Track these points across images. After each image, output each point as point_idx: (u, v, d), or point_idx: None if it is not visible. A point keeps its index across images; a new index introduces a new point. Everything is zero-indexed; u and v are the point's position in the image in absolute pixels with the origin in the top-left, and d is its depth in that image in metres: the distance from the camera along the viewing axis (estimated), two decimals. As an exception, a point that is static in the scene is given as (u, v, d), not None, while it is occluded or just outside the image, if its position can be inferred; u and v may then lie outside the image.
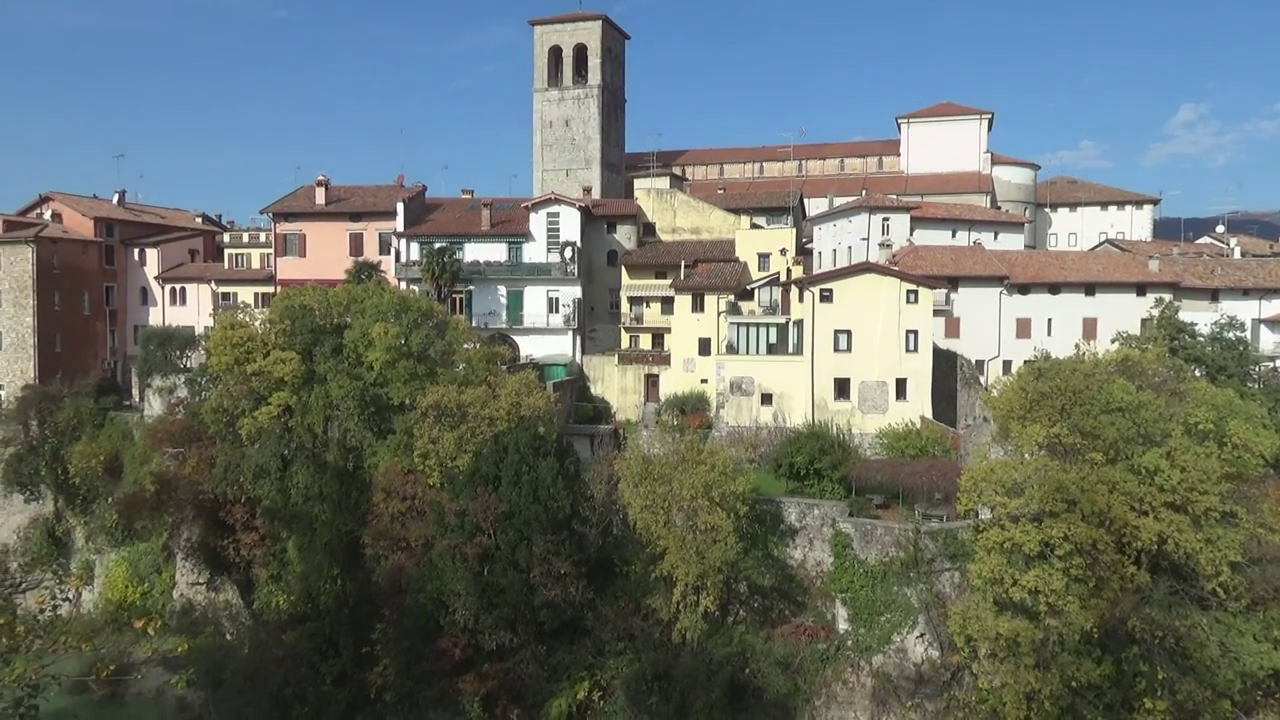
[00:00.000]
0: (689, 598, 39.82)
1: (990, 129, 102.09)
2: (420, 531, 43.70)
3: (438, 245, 68.57)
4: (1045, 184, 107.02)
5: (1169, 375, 42.36)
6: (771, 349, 58.12)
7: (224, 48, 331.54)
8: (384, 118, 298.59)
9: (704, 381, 60.02)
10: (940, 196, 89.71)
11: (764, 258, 65.96)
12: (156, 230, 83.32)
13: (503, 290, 69.14)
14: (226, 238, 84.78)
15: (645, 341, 67.11)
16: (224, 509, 49.98)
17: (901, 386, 53.10)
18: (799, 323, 56.04)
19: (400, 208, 71.30)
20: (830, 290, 54.02)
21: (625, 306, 68.50)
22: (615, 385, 65.43)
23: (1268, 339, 65.18)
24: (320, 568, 46.59)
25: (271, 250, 76.41)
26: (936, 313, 57.37)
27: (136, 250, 79.54)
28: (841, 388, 53.69)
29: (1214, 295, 66.05)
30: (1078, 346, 55.79)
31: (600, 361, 66.52)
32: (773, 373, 55.37)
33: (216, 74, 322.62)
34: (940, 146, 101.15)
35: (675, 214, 74.39)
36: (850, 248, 70.44)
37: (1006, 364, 62.90)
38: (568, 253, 67.88)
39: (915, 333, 53.20)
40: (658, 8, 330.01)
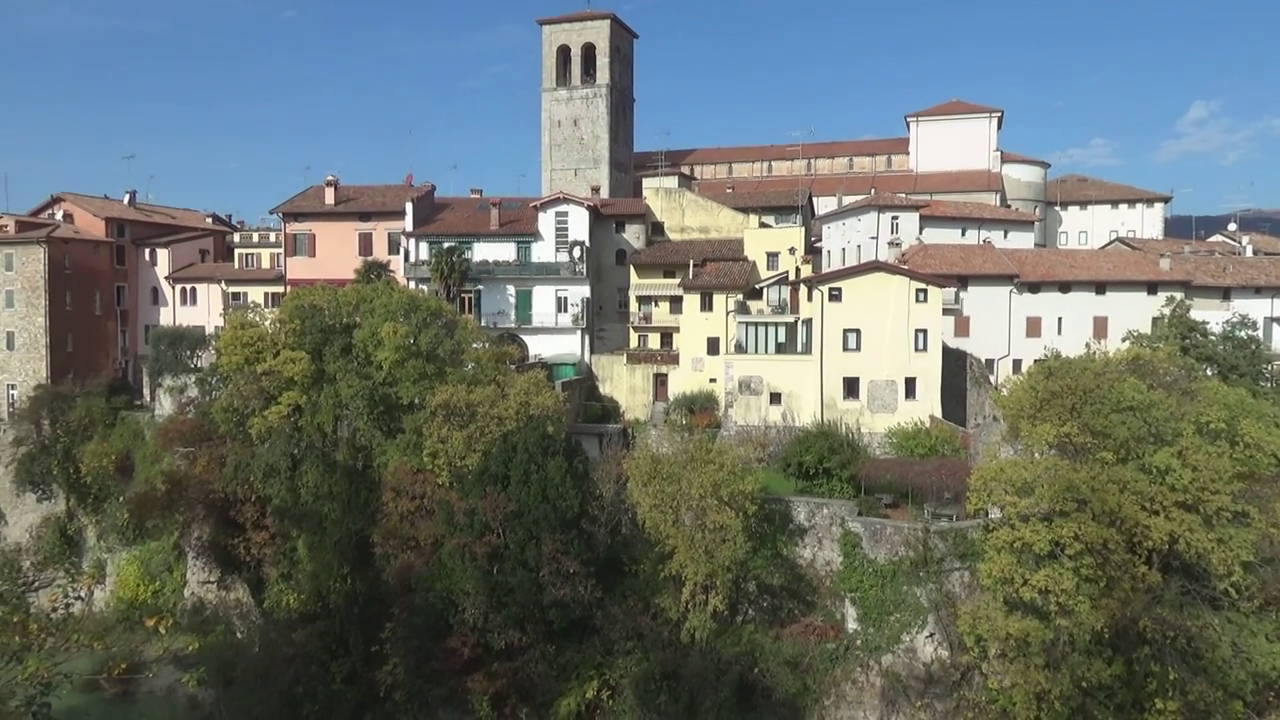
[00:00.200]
0: (698, 597, 39.80)
1: (1000, 127, 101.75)
2: (429, 530, 43.80)
3: (447, 245, 68.72)
4: (1055, 182, 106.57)
5: (1180, 374, 42.16)
6: (780, 348, 58.05)
7: (233, 48, 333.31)
8: (393, 117, 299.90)
9: (712, 381, 59.98)
10: (949, 195, 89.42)
11: (773, 257, 65.87)
12: (167, 230, 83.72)
13: (511, 290, 69.23)
14: (236, 238, 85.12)
15: (654, 341, 67.09)
16: (234, 508, 50.19)
17: (911, 386, 52.98)
18: (808, 322, 55.95)
19: (409, 207, 71.45)
20: (839, 289, 53.92)
21: (634, 306, 68.48)
22: (624, 384, 65.44)
23: (1280, 337, 64.84)
24: (330, 567, 46.76)
25: (281, 250, 76.69)
26: (946, 311, 57.24)
27: (147, 250, 79.93)
28: (850, 387, 53.60)
29: (1226, 294, 65.69)
30: (1088, 345, 55.60)
31: (609, 361, 66.54)
32: (781, 372, 55.30)
33: (225, 74, 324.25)
34: (949, 145, 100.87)
35: (684, 213, 74.37)
36: (859, 246, 70.31)
37: (1016, 363, 62.70)
38: (576, 252, 67.93)
39: (924, 332, 53.08)
40: (665, 6, 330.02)
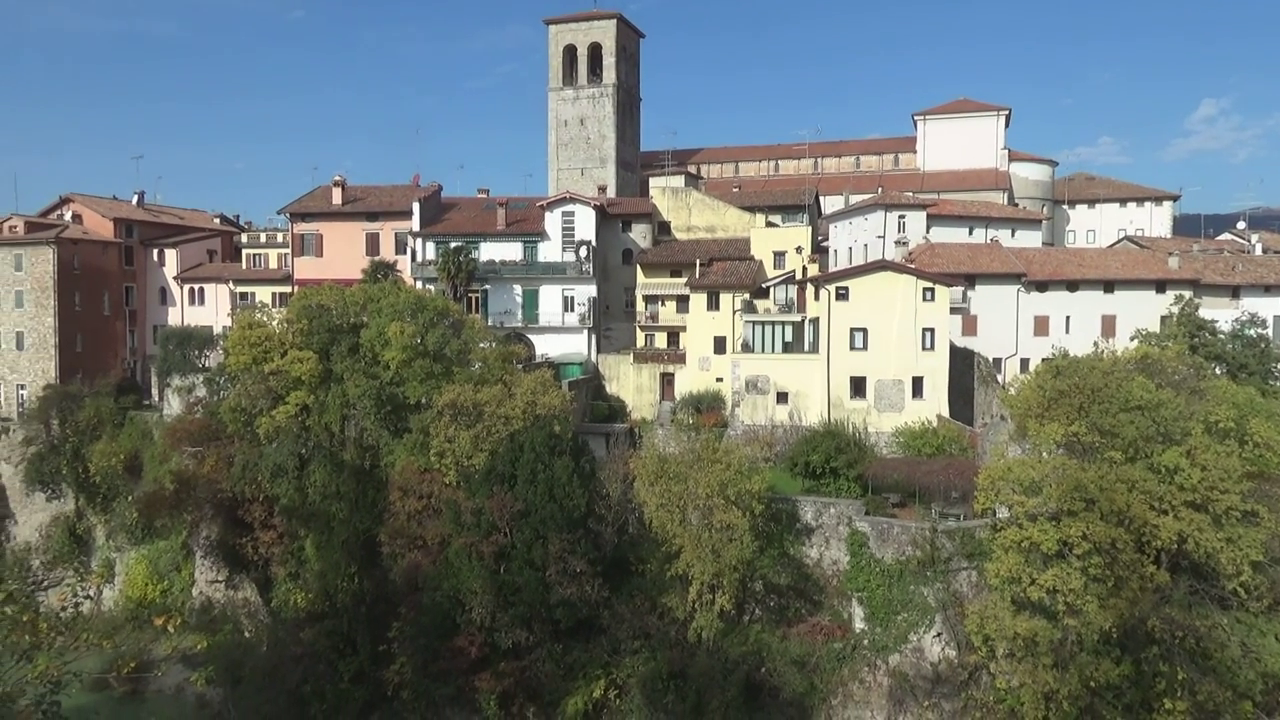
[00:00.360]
0: (705, 596, 39.79)
1: (1007, 125, 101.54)
2: (437, 530, 43.88)
3: (453, 245, 68.79)
4: (1063, 180, 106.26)
5: (1189, 373, 42.00)
6: (787, 347, 57.98)
7: (240, 49, 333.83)
8: (399, 117, 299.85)
9: (719, 380, 59.95)
10: (957, 194, 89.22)
11: (779, 256, 65.80)
12: (175, 231, 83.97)
13: (518, 289, 69.27)
14: (244, 238, 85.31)
15: (660, 340, 67.09)
16: (242, 507, 50.33)
17: (918, 385, 52.89)
18: (815, 321, 55.88)
19: (416, 207, 71.54)
20: (846, 288, 53.84)
21: (640, 305, 68.48)
22: (630, 384, 65.45)
23: (1289, 336, 64.44)
24: (338, 566, 46.87)
25: (289, 250, 76.84)
26: (953, 310, 57.10)
27: (155, 251, 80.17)
28: (857, 386, 53.52)
29: (1235, 292, 65.38)
30: (1096, 344, 55.29)
31: (615, 360, 66.55)
32: (788, 371, 55.24)
33: (233, 75, 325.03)
34: (957, 143, 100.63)
35: (690, 212, 74.34)
36: (866, 245, 70.18)
37: (1024, 362, 62.52)
38: (583, 252, 67.94)
39: (932, 331, 52.96)
40: (671, 5, 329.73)
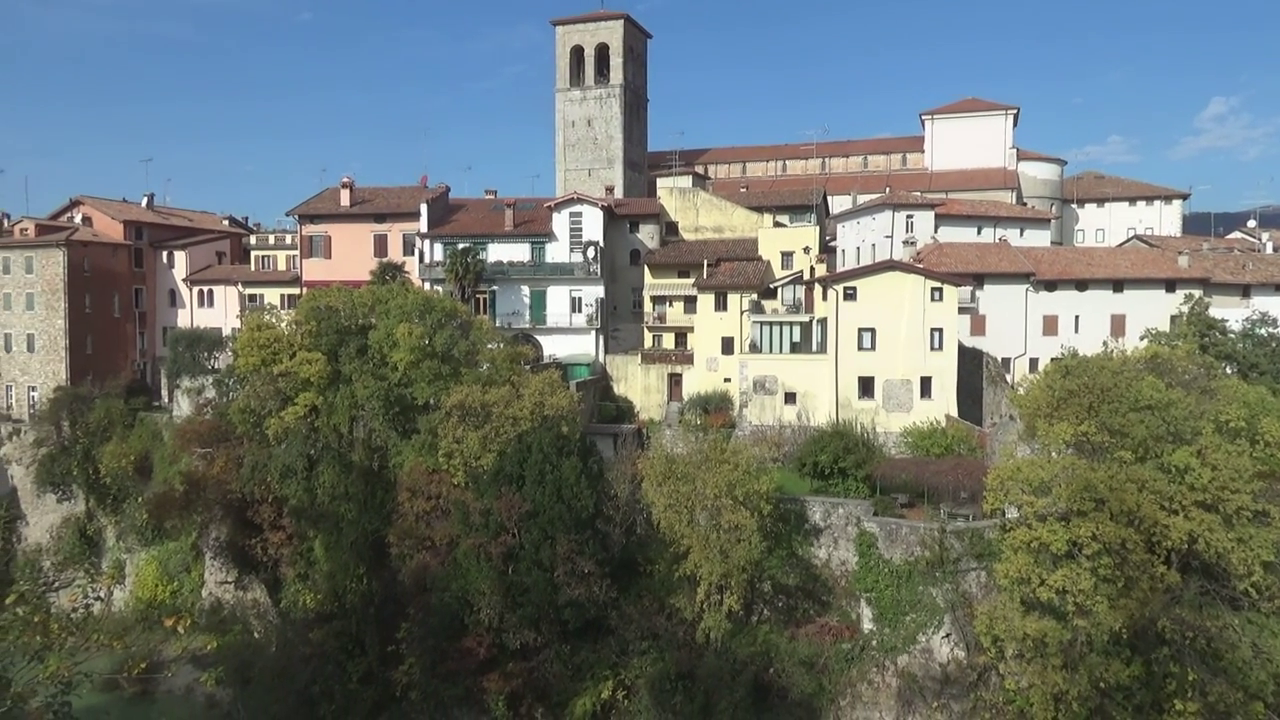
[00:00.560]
0: (713, 597, 39.77)
1: (1016, 124, 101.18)
2: (445, 531, 43.95)
3: (461, 246, 68.88)
4: (1072, 179, 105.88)
5: (1199, 372, 41.82)
6: (795, 348, 57.93)
7: (250, 52, 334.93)
8: (408, 118, 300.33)
9: (727, 380, 59.92)
10: (965, 193, 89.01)
11: (787, 256, 65.74)
12: (184, 233, 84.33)
13: (526, 290, 69.35)
14: (253, 240, 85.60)
15: (668, 341, 67.07)
16: (252, 508, 50.48)
17: (926, 385, 52.78)
18: (822, 321, 55.82)
19: (424, 209, 71.68)
20: (854, 288, 53.75)
21: (648, 306, 68.46)
22: (638, 384, 65.46)
23: (1301, 335, 64.07)
24: (346, 567, 46.97)
25: (297, 252, 77.09)
26: (962, 310, 56.97)
27: (165, 253, 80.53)
28: (865, 386, 53.43)
29: (1245, 291, 65.08)
30: (1106, 344, 55.19)
31: (623, 361, 66.57)
32: (796, 371, 55.18)
33: (242, 77, 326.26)
34: (965, 143, 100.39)
35: (698, 213, 74.31)
36: (874, 245, 70.07)
37: (1033, 361, 62.35)
38: (590, 252, 67.97)
39: (940, 330, 52.85)
40: (678, 5, 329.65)
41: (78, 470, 65.45)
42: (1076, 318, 63.80)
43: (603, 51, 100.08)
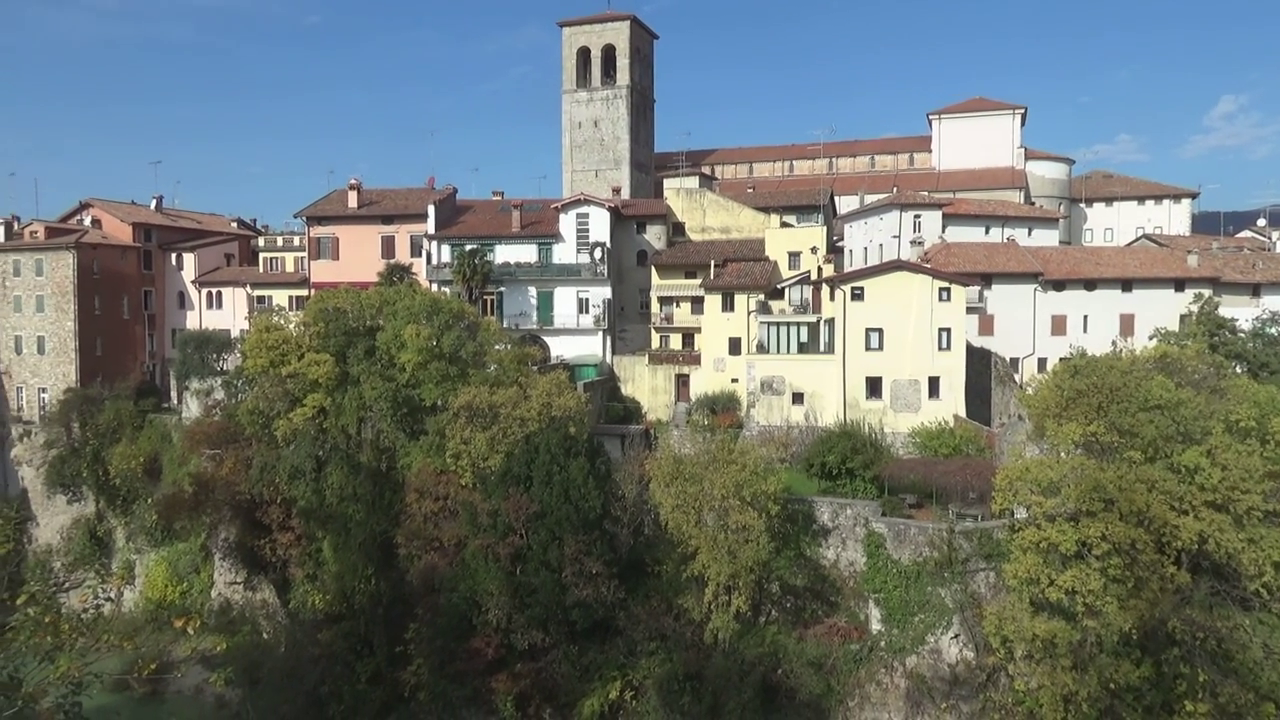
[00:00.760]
0: (721, 598, 39.74)
1: (1023, 123, 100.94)
2: (453, 531, 44.03)
3: (469, 247, 69.00)
4: (1080, 179, 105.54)
5: (1209, 372, 41.66)
6: (802, 348, 57.82)
7: (258, 54, 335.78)
8: (414, 119, 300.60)
9: (734, 381, 59.88)
10: (973, 193, 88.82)
11: (794, 256, 65.67)
12: (193, 235, 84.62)
13: (533, 291, 69.43)
14: (261, 241, 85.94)
15: (675, 341, 67.07)
16: (260, 509, 50.65)
17: (934, 385, 52.65)
18: (830, 321, 55.73)
19: (431, 210, 71.81)
20: (861, 288, 53.66)
21: (655, 306, 68.47)
22: (646, 385, 65.47)
23: (1311, 334, 63.76)
24: (355, 567, 47.08)
25: (305, 254, 77.31)
26: (970, 310, 56.83)
27: (174, 255, 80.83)
28: (873, 386, 53.33)
29: (1255, 290, 64.79)
30: (1115, 343, 55.03)
31: (630, 361, 66.59)
32: (804, 372, 55.11)
33: (250, 80, 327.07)
34: (972, 142, 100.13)
35: (705, 213, 74.28)
36: (881, 245, 69.95)
37: (1042, 361, 62.15)
38: (597, 253, 68.01)
39: (948, 330, 52.72)
40: (684, 5, 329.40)
41: (88, 471, 65.80)
42: (1085, 317, 63.59)
43: (609, 52, 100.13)
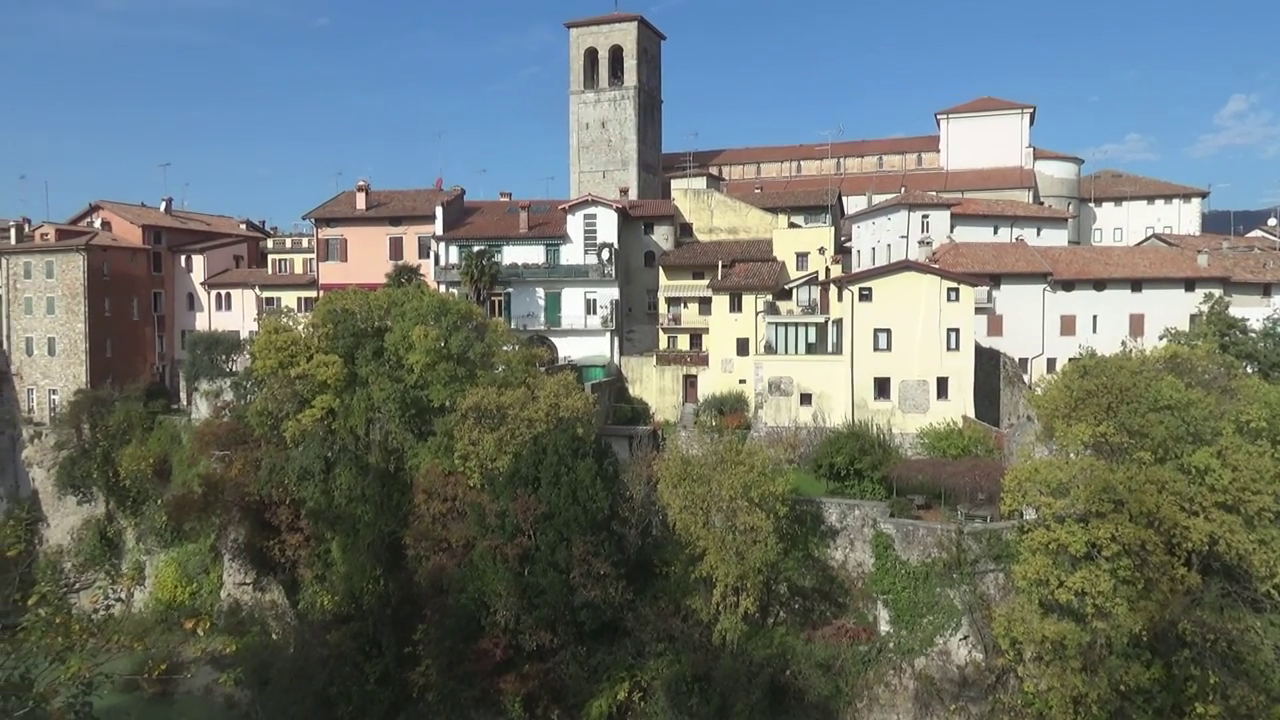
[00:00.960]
0: (729, 599, 39.73)
1: (1032, 123, 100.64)
2: (461, 532, 44.08)
3: (476, 248, 69.07)
4: (1089, 178, 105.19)
5: (1219, 372, 41.48)
6: (810, 349, 57.77)
7: (267, 57, 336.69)
8: (421, 121, 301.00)
9: (742, 382, 59.81)
10: (981, 193, 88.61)
11: (802, 257, 65.54)
12: (202, 237, 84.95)
13: (541, 292, 69.49)
14: (270, 243, 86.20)
15: (683, 342, 67.02)
16: (269, 510, 50.81)
17: (943, 385, 52.52)
18: (838, 322, 55.66)
19: (439, 212, 71.92)
20: (869, 289, 53.55)
21: (663, 307, 68.42)
22: (653, 386, 65.44)
23: (1323, 334, 63.38)
24: (363, 568, 47.20)
25: (314, 255, 77.52)
26: (978, 310, 56.67)
27: (183, 257, 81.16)
28: (881, 387, 53.23)
29: (1266, 290, 64.47)
30: (1124, 343, 54.77)
31: (638, 362, 66.57)
32: (812, 372, 55.03)
33: (259, 82, 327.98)
34: (981, 142, 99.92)
35: (712, 214, 74.23)
36: (889, 246, 69.83)
37: (1051, 362, 61.94)
38: (605, 254, 68.03)
39: (956, 331, 52.59)
40: (691, 6, 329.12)
41: (98, 473, 66.08)
42: (1094, 317, 63.34)
43: (616, 53, 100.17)
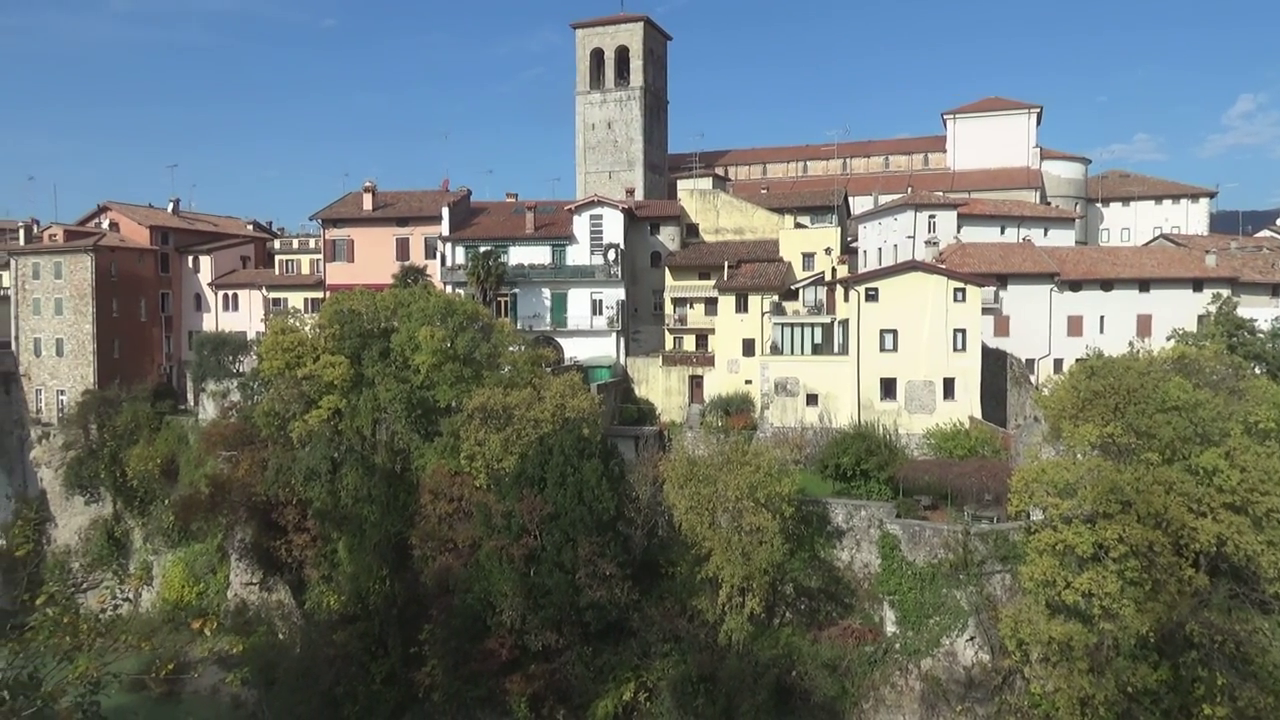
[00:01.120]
0: (735, 599, 39.71)
1: (1039, 123, 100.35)
2: (467, 533, 44.13)
3: (483, 249, 69.19)
4: (1097, 178, 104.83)
5: (1227, 373, 41.32)
6: (816, 349, 57.71)
7: (275, 58, 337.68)
8: (428, 122, 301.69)
9: (748, 382, 59.78)
10: (988, 193, 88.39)
11: (808, 257, 65.52)
12: (209, 238, 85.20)
13: (547, 293, 69.56)
14: (277, 244, 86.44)
15: (689, 343, 67.03)
16: (276, 510, 50.89)
17: (949, 386, 52.40)
18: (844, 322, 55.58)
19: (445, 212, 72.05)
20: (876, 289, 53.49)
21: (669, 308, 68.46)
22: (659, 386, 65.44)
23: (1332, 335, 63.07)
24: (370, 568, 47.27)
25: (320, 256, 77.73)
26: (985, 311, 56.54)
27: (190, 258, 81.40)
28: (888, 387, 53.14)
29: (1274, 290, 64.19)
30: (1132, 344, 54.59)
31: (644, 363, 66.58)
32: (818, 373, 54.97)
33: (266, 83, 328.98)
34: (987, 142, 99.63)
35: (718, 214, 74.23)
36: (896, 246, 69.70)
37: (1058, 362, 61.77)
38: (611, 255, 68.07)
39: (963, 331, 52.48)
40: (698, 6, 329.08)
41: (105, 473, 66.28)
42: (1102, 318, 63.15)
43: (623, 54, 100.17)
